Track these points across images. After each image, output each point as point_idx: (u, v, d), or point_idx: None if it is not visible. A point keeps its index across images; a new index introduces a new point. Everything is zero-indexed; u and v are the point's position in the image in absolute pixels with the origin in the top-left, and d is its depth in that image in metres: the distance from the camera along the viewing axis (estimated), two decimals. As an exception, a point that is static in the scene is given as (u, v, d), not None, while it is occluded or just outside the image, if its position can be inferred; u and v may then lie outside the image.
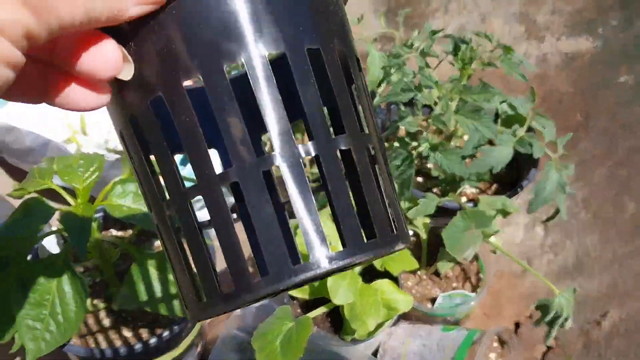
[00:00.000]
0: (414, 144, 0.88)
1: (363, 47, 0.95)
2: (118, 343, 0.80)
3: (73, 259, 0.83)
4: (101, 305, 0.83)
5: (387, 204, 0.32)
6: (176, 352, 0.81)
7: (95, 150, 1.02)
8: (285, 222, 0.41)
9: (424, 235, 0.99)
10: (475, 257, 1.00)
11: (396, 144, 0.90)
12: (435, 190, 1.01)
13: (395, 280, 0.97)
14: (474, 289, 0.96)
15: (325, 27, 0.29)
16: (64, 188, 0.77)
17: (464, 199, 1.00)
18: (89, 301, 0.83)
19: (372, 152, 0.31)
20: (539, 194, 0.86)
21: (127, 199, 0.71)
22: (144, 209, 0.71)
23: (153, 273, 0.71)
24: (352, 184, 0.35)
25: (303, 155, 0.28)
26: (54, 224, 0.83)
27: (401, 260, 0.88)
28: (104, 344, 0.81)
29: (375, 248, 0.29)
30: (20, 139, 1.08)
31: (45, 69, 0.29)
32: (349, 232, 0.29)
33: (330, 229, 0.68)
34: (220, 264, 0.33)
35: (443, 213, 0.92)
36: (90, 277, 0.85)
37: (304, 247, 0.28)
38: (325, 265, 0.28)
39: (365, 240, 0.29)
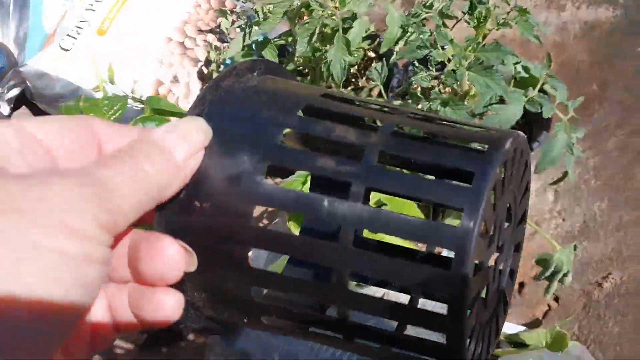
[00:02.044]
0: (426, 102, 0.90)
1: (383, 7, 0.97)
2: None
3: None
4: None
5: (466, 129, 0.33)
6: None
7: (121, 99, 1.06)
8: None
9: (433, 193, 1.02)
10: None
11: (409, 101, 0.92)
12: (447, 150, 1.04)
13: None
14: (480, 246, 0.99)
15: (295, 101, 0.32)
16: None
17: (475, 160, 1.02)
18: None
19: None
20: (547, 154, 0.88)
21: (148, 135, 0.75)
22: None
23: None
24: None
25: (375, 161, 0.29)
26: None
27: (407, 212, 0.91)
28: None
29: (492, 155, 0.29)
30: (51, 85, 1.12)
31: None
32: (463, 157, 0.29)
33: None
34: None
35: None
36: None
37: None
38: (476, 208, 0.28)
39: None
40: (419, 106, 0.90)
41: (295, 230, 0.73)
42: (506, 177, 0.30)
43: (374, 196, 0.65)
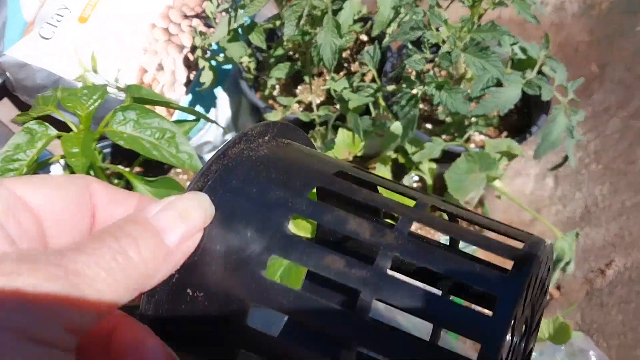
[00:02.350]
0: (420, 87, 0.87)
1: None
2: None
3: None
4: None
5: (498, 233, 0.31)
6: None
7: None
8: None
9: (429, 181, 0.98)
10: (481, 204, 1.00)
11: (403, 85, 0.89)
12: (443, 137, 1.00)
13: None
14: (478, 234, 0.96)
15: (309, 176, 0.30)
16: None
17: (472, 146, 0.99)
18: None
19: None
20: (546, 138, 0.84)
21: (128, 126, 0.71)
22: (143, 136, 0.71)
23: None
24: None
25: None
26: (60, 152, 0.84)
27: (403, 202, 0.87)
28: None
29: (516, 280, 0.27)
30: (32, 75, 1.08)
31: None
32: (486, 277, 0.27)
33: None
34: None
35: (450, 159, 0.91)
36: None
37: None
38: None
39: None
40: (414, 91, 0.87)
41: (300, 231, 0.70)
42: (528, 292, 0.28)
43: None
